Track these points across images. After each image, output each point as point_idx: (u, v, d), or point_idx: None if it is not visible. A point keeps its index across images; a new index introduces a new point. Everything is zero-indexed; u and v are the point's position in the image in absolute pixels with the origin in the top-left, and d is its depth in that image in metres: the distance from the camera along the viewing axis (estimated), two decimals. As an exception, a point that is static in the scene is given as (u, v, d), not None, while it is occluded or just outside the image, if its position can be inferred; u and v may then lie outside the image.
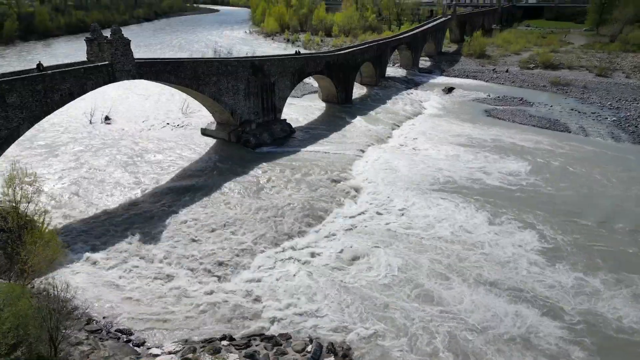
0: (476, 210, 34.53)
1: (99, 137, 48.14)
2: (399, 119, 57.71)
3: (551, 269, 27.63)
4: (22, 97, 31.09)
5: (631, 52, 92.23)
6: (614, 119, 58.60)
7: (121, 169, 40.16)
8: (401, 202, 35.65)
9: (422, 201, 35.96)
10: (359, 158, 44.72)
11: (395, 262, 28.00)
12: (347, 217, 33.67)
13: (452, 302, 24.68)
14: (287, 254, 29.08)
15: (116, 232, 30.65)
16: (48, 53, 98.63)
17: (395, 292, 25.47)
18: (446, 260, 28.38)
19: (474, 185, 38.96)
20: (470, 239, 30.79)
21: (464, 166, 42.87)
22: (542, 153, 46.73)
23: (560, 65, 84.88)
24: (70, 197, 35.06)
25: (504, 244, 30.29)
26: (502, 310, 24.11)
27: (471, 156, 45.49)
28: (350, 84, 63.13)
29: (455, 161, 44.19)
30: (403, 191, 37.58)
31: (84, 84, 34.65)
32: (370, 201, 36.12)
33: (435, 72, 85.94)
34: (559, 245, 30.11)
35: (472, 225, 32.48)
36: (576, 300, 24.99)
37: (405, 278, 26.64)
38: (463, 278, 26.66)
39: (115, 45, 36.05)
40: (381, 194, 37.03)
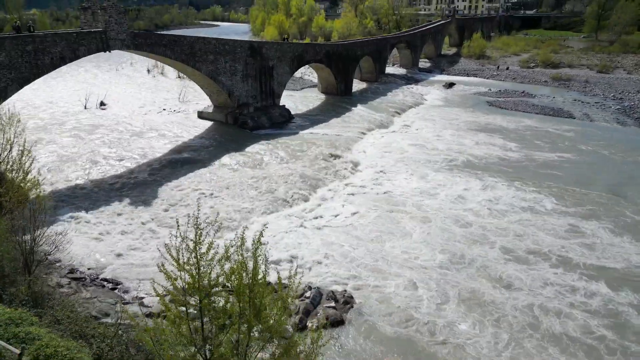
0: (481, 181, 33.17)
1: (93, 119, 46.90)
2: (400, 107, 56.68)
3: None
4: (10, 57, 29.99)
5: (631, 53, 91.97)
6: (618, 107, 57.65)
7: (114, 146, 38.73)
8: (403, 175, 34.29)
9: (429, 174, 34.60)
10: (360, 139, 43.47)
11: (388, 219, 26.51)
12: (348, 186, 32.33)
13: (451, 253, 23.13)
14: (285, 214, 27.62)
15: (106, 197, 29.11)
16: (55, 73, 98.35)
17: (396, 247, 23.95)
18: (445, 220, 26.93)
19: (478, 162, 37.72)
20: (469, 204, 29.34)
21: (467, 146, 41.64)
22: (548, 134, 45.63)
23: (560, 64, 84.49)
24: (58, 167, 33.56)
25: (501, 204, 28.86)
26: (494, 256, 22.54)
27: (474, 137, 44.33)
28: (350, 76, 62.24)
29: (459, 141, 43.00)
30: (405, 165, 36.25)
31: (75, 49, 33.58)
32: (371, 174, 34.72)
33: (435, 71, 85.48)
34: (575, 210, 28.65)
35: (475, 193, 31.06)
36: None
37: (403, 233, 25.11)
38: (468, 238, 25.10)
39: (109, 12, 35.13)
40: (383, 168, 35.69)
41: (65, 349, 10.49)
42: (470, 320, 18.50)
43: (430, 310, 19.10)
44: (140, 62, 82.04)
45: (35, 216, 15.94)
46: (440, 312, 19.06)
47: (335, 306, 19.93)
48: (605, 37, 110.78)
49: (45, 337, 10.99)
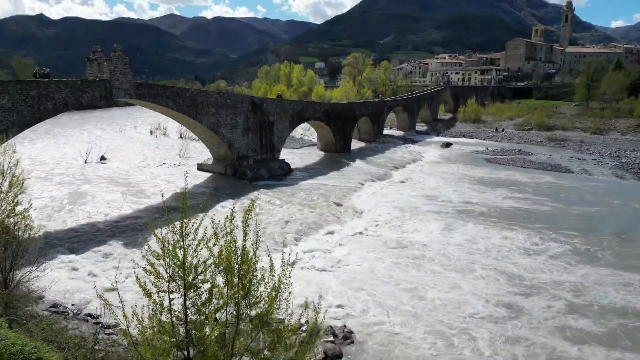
0: (484, 228, 32.40)
1: (93, 172, 46.87)
2: (399, 163, 57.08)
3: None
4: (14, 100, 30.46)
5: (623, 117, 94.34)
6: (615, 163, 58.04)
7: (110, 193, 38.36)
8: (406, 221, 33.64)
9: (427, 220, 33.95)
10: (359, 189, 43.27)
11: (393, 266, 25.52)
12: (349, 229, 31.58)
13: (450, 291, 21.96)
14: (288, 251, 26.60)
15: (97, 240, 28.25)
16: (55, 125, 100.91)
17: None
18: (443, 258, 25.92)
19: (478, 208, 37.11)
20: (474, 245, 28.43)
21: (467, 195, 41.33)
22: (547, 186, 45.41)
23: (554, 127, 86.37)
24: (50, 211, 32.98)
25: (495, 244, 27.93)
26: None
27: (475, 188, 44.15)
28: (348, 134, 63.32)
29: (460, 191, 42.78)
30: (406, 213, 35.70)
31: (79, 96, 34.25)
32: (372, 219, 34.06)
33: (432, 133, 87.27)
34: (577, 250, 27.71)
35: (475, 235, 30.21)
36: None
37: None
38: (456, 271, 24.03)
39: (114, 63, 36.29)
40: (383, 214, 35.12)
41: (33, 347, 9.47)
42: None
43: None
44: (144, 125, 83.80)
45: (19, 237, 15.24)
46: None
47: (334, 341, 18.61)
48: (596, 105, 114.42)
49: (12, 337, 9.98)
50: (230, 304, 8.69)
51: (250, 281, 8.67)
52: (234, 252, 8.61)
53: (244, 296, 8.56)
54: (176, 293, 9.03)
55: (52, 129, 77.57)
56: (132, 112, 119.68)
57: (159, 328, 8.73)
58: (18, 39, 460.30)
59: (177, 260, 8.69)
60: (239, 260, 8.54)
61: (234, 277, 8.55)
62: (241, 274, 8.55)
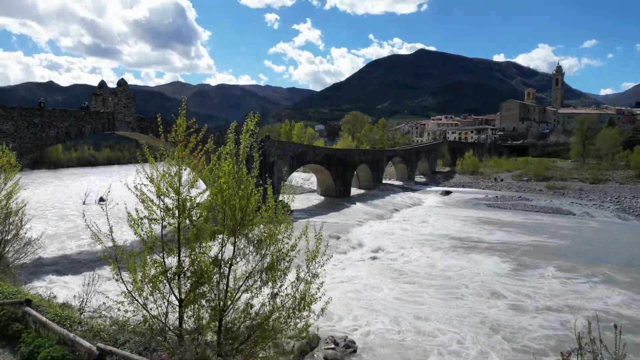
0: (501, 261, 31.65)
1: (90, 212, 46.31)
2: (399, 206, 56.77)
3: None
4: (17, 126, 30.79)
5: (620, 169, 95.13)
6: (616, 207, 57.67)
7: (102, 227, 37.64)
8: (407, 250, 32.90)
9: (429, 250, 33.20)
10: (359, 226, 42.65)
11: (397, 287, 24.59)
12: (350, 256, 30.77)
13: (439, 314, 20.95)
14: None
15: (90, 266, 27.47)
16: (57, 178, 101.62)
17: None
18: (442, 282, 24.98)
19: (480, 243, 36.52)
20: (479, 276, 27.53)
21: (468, 231, 40.84)
22: (550, 226, 44.79)
23: (553, 177, 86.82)
24: (44, 242, 32.22)
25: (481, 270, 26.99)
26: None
27: (476, 226, 43.66)
28: (348, 180, 63.50)
29: (461, 229, 42.25)
30: (407, 244, 35.02)
31: (82, 126, 34.67)
32: (372, 249, 33.30)
33: (431, 184, 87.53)
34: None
35: (489, 268, 29.35)
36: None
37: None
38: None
39: (119, 97, 37.09)
40: (384, 246, 34.38)
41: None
42: None
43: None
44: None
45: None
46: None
47: (335, 349, 17.47)
48: (593, 162, 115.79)
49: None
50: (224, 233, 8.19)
51: (246, 209, 8.23)
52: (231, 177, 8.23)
53: (240, 222, 8.08)
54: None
55: (53, 180, 77.97)
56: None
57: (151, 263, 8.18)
58: (27, 104, 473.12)
59: (173, 185, 8.27)
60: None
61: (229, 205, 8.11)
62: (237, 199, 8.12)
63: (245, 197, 8.09)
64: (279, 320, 7.93)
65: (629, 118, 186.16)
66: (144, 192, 8.31)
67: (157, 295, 8.15)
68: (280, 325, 7.92)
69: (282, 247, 8.44)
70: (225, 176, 8.05)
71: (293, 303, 8.13)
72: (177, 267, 8.04)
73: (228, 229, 8.06)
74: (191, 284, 7.75)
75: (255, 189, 8.58)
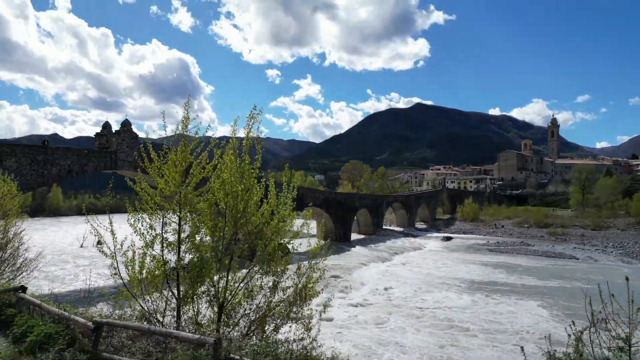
0: (488, 297, 30.95)
1: (87, 255, 45.86)
2: (400, 250, 56.08)
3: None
4: (20, 163, 31.05)
5: (620, 217, 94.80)
6: (620, 252, 57.03)
7: (103, 269, 37.14)
8: (410, 290, 32.25)
9: (433, 290, 32.54)
10: (360, 268, 41.98)
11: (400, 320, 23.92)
12: (351, 299, 30.04)
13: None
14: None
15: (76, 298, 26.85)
16: (55, 226, 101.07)
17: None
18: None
19: (482, 284, 35.79)
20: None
21: (471, 273, 40.19)
22: (552, 269, 44.14)
23: (554, 224, 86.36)
24: (41, 283, 31.64)
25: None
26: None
27: (478, 268, 43.04)
28: (348, 224, 63.14)
29: (462, 271, 41.57)
30: (409, 285, 34.36)
31: (84, 164, 34.97)
32: (376, 287, 32.69)
33: (432, 230, 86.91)
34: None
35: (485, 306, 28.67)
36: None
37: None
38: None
39: (122, 136, 37.64)
40: (387, 285, 33.75)
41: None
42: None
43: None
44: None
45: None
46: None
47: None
48: (593, 210, 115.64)
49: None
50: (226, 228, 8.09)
51: (248, 201, 8.18)
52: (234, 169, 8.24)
53: (242, 213, 8.00)
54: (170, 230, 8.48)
55: (51, 226, 77.45)
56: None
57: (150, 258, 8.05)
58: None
59: (174, 180, 8.26)
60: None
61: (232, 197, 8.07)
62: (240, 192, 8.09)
63: (247, 189, 8.06)
64: (279, 312, 7.68)
65: (625, 169, 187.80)
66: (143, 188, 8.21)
67: (156, 295, 7.95)
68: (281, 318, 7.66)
69: (283, 237, 8.31)
70: (227, 168, 8.06)
71: (294, 295, 7.92)
72: (177, 261, 7.88)
73: (229, 224, 7.97)
74: (191, 278, 7.56)
75: (257, 184, 8.54)
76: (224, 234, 7.92)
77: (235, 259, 7.96)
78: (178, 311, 7.66)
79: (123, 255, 7.99)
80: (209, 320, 7.51)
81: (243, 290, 7.82)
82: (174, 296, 7.89)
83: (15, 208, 19.59)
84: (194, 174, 8.56)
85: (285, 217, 8.52)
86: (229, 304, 7.55)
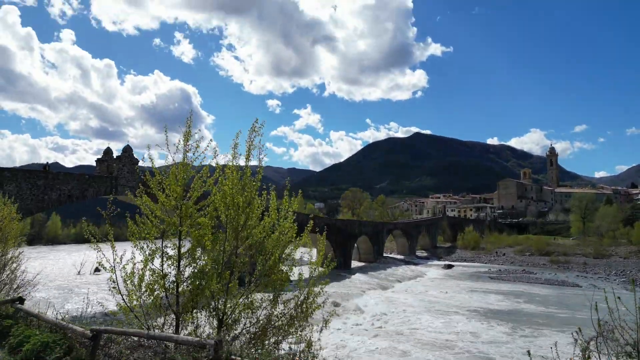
0: (489, 324, 30.48)
1: (85, 282, 45.39)
2: (401, 277, 55.56)
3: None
4: (20, 188, 31.09)
5: (622, 245, 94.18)
6: (623, 279, 56.46)
7: (98, 294, 36.67)
8: (411, 317, 31.76)
9: (435, 317, 32.08)
10: (360, 295, 41.46)
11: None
12: (353, 325, 29.57)
13: None
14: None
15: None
16: (54, 253, 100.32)
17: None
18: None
19: (482, 311, 35.29)
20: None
21: (472, 300, 39.73)
22: (556, 296, 43.65)
23: (555, 252, 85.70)
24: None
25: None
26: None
27: (479, 295, 42.54)
28: (348, 251, 62.70)
29: (463, 298, 41.09)
30: (410, 311, 33.88)
31: (85, 189, 35.01)
32: (376, 313, 32.23)
33: (433, 258, 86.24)
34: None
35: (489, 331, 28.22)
36: None
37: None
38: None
39: (123, 162, 37.81)
40: (387, 311, 33.28)
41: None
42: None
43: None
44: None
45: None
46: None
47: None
48: (594, 238, 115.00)
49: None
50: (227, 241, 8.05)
51: (249, 214, 8.16)
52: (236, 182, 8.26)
53: (243, 225, 7.98)
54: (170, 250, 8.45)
55: (49, 254, 76.90)
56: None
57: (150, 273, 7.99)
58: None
59: (175, 193, 8.28)
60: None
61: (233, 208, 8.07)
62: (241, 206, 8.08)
63: (248, 201, 8.06)
64: (280, 325, 7.57)
65: (625, 197, 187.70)
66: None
67: (154, 310, 7.84)
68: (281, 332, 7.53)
69: (284, 250, 8.26)
70: (229, 180, 8.08)
71: (295, 309, 7.82)
72: (177, 275, 7.81)
73: (230, 237, 7.94)
74: (191, 290, 7.48)
75: (258, 198, 8.55)
76: (224, 247, 7.87)
77: (236, 273, 7.89)
78: (177, 325, 7.53)
79: (122, 269, 7.91)
80: (208, 335, 7.37)
81: (243, 303, 7.72)
82: (172, 311, 7.78)
83: (15, 230, 19.53)
84: (195, 188, 8.57)
85: (286, 230, 8.47)
86: (229, 318, 7.44)
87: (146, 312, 7.78)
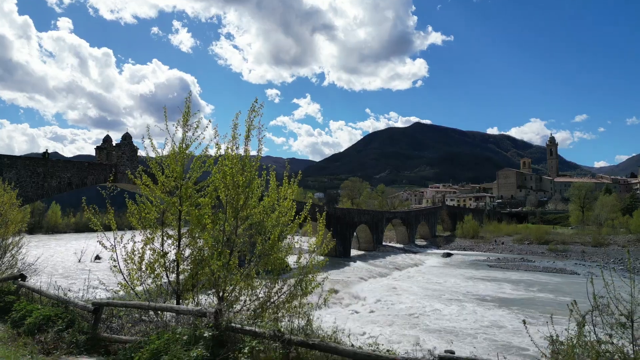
0: (489, 308, 30.71)
1: (85, 269, 45.56)
2: (400, 265, 55.81)
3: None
4: (19, 175, 31.10)
5: (621, 234, 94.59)
6: (621, 267, 56.70)
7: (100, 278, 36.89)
8: (411, 302, 32.03)
9: (433, 301, 32.32)
10: (359, 282, 41.73)
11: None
12: (353, 312, 29.81)
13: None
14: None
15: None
16: (54, 241, 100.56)
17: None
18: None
19: (482, 296, 35.55)
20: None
21: (471, 287, 40.02)
22: (555, 282, 43.99)
23: (554, 241, 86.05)
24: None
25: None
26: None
27: (478, 282, 42.88)
28: (348, 239, 62.91)
29: (462, 284, 41.38)
30: (410, 297, 34.14)
31: (84, 177, 35.04)
32: (376, 300, 32.49)
33: (432, 247, 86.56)
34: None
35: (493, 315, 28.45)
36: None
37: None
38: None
39: (123, 149, 37.78)
40: (388, 299, 33.53)
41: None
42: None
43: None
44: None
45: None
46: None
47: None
48: (593, 227, 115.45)
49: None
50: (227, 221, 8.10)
51: (248, 194, 8.20)
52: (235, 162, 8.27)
53: (243, 204, 8.02)
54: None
55: (50, 242, 77.13)
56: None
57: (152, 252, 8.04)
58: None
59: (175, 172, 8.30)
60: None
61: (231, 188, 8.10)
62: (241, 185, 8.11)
63: (248, 181, 8.09)
64: (279, 302, 7.65)
65: (624, 187, 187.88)
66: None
67: (155, 288, 7.90)
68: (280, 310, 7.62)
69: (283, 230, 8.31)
70: (228, 160, 8.10)
71: (295, 286, 7.90)
72: (177, 253, 7.87)
73: (230, 216, 7.98)
74: (191, 268, 7.54)
75: (258, 178, 8.57)
76: (224, 227, 7.92)
77: (235, 252, 7.95)
78: (177, 303, 7.61)
79: (123, 247, 7.96)
80: (209, 304, 7.46)
81: (243, 280, 7.79)
82: (173, 289, 7.85)
83: (15, 216, 19.61)
84: (194, 168, 8.60)
85: (285, 211, 8.51)
86: (230, 295, 7.52)
87: (147, 292, 7.85)
